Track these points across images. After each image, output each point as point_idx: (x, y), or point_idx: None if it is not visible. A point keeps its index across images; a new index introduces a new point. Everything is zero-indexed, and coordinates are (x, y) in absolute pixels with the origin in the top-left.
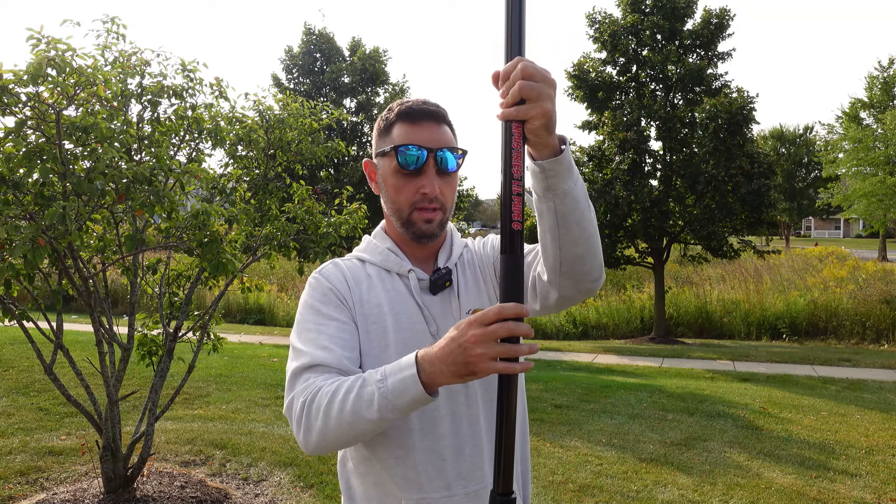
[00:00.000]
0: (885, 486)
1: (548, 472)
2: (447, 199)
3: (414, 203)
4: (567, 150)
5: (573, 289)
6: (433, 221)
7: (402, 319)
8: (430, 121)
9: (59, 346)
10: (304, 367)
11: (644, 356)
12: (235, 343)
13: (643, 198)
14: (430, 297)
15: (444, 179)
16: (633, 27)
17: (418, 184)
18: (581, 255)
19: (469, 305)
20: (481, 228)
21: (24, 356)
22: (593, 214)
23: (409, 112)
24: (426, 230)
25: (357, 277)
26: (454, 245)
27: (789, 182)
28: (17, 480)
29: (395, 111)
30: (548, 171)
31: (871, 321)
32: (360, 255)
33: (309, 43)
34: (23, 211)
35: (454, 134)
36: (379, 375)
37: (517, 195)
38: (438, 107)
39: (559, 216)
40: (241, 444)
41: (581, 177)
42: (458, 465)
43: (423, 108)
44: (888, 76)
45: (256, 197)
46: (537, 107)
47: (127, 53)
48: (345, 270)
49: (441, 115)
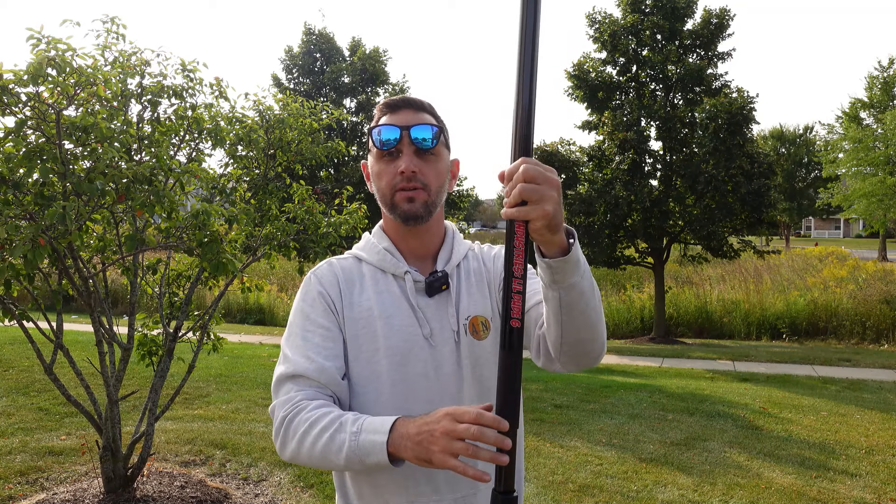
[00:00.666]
0: (885, 486)
1: (548, 472)
2: (429, 178)
3: (394, 185)
4: (575, 246)
5: (573, 364)
6: (415, 201)
7: (394, 322)
8: (408, 108)
9: (59, 346)
10: (287, 377)
11: (644, 356)
12: (235, 343)
13: (643, 198)
14: (425, 299)
15: (424, 158)
16: (633, 27)
17: (397, 165)
18: (583, 340)
19: (467, 312)
20: (481, 228)
21: (24, 356)
22: (599, 301)
23: (388, 103)
24: (409, 210)
25: (350, 279)
26: (455, 247)
27: (789, 182)
28: (17, 480)
29: (379, 106)
30: (554, 268)
31: (871, 321)
32: (358, 254)
33: (309, 43)
34: (23, 211)
35: (440, 124)
36: (355, 427)
37: (517, 293)
38: (422, 100)
39: (563, 305)
40: (241, 444)
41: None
42: (447, 471)
43: (403, 98)
44: (888, 76)
45: (256, 197)
46: (538, 209)
47: (127, 53)
48: (338, 272)
49: (420, 105)
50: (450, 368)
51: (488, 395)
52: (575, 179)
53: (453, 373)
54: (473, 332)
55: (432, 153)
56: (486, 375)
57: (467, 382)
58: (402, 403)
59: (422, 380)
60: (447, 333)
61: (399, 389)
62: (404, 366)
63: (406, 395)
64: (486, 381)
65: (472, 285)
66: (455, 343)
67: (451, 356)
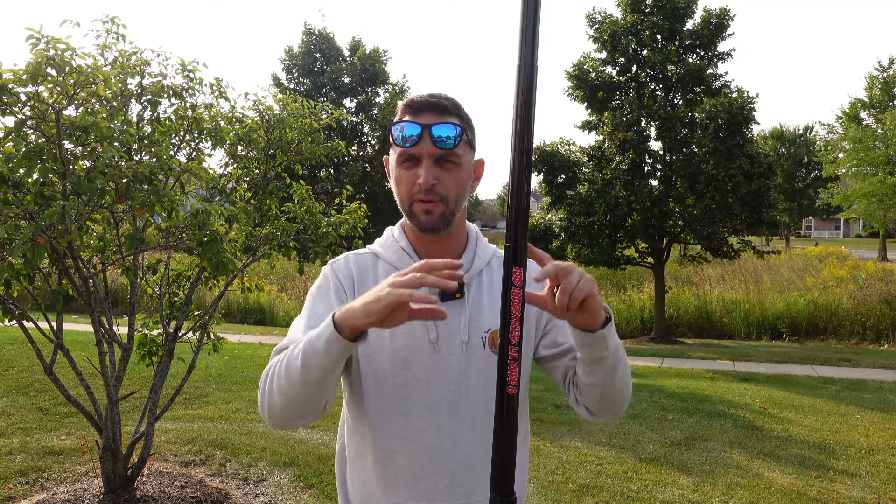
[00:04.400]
0: (885, 486)
1: (548, 472)
2: (448, 189)
3: (412, 194)
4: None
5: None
6: (432, 213)
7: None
8: (430, 112)
9: (59, 346)
10: (280, 348)
11: (644, 356)
12: (235, 343)
13: (643, 198)
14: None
15: (444, 167)
16: (632, 27)
17: (416, 174)
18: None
19: (487, 325)
20: (481, 228)
21: (24, 356)
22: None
23: (411, 104)
24: (426, 222)
25: (364, 277)
26: (478, 253)
27: (789, 182)
28: (17, 480)
29: (402, 103)
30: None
31: (871, 321)
32: (377, 250)
33: (309, 43)
34: (23, 211)
35: (464, 124)
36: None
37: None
38: (444, 99)
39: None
40: (241, 444)
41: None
42: (438, 479)
43: (427, 100)
44: (888, 76)
45: (256, 197)
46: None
47: (127, 53)
48: (353, 268)
49: (443, 107)
50: (452, 378)
51: (481, 396)
52: (575, 179)
53: (456, 382)
54: (493, 345)
55: (453, 159)
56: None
57: (473, 392)
58: (399, 405)
59: (422, 385)
60: (455, 342)
61: (399, 391)
62: (406, 369)
63: (404, 398)
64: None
65: (494, 297)
66: (462, 353)
67: (455, 365)
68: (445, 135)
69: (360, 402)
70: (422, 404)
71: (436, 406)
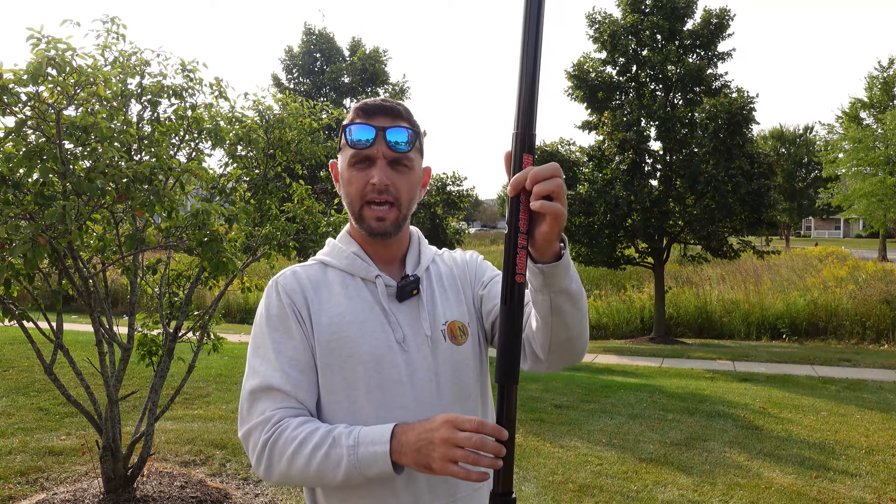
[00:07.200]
0: (885, 486)
1: (548, 472)
2: (401, 192)
3: (364, 195)
4: (566, 253)
5: (561, 363)
6: (385, 220)
7: (367, 327)
8: (384, 116)
9: (59, 346)
10: (260, 389)
11: (644, 356)
12: (235, 343)
13: (643, 198)
14: (396, 304)
15: (397, 170)
16: (632, 27)
17: (368, 175)
18: (572, 339)
19: (444, 318)
20: (481, 228)
21: (24, 356)
22: (585, 301)
23: (363, 108)
24: (377, 228)
25: (317, 286)
26: (423, 252)
27: (789, 182)
28: (17, 480)
29: (354, 107)
30: (547, 272)
31: (871, 321)
32: (324, 259)
33: (309, 43)
34: (23, 211)
35: (416, 129)
36: (351, 441)
37: (522, 248)
38: (397, 104)
39: (554, 309)
40: (241, 445)
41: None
42: (423, 479)
43: (380, 104)
44: (888, 76)
45: (256, 197)
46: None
47: (127, 53)
48: (303, 280)
49: (396, 111)
50: (424, 374)
51: (468, 399)
52: (575, 179)
53: (428, 378)
54: (452, 337)
55: (406, 163)
56: (465, 381)
57: (444, 387)
58: (377, 410)
59: (398, 385)
60: (420, 338)
61: (375, 396)
62: (379, 372)
63: (382, 401)
64: (466, 386)
65: (445, 290)
66: (429, 348)
67: (424, 361)
68: (400, 139)
69: (332, 414)
70: (399, 405)
71: (412, 405)
